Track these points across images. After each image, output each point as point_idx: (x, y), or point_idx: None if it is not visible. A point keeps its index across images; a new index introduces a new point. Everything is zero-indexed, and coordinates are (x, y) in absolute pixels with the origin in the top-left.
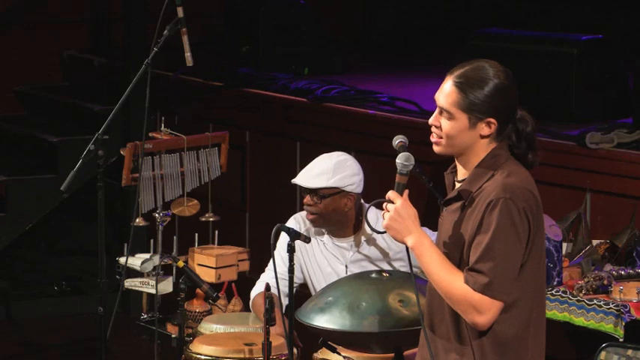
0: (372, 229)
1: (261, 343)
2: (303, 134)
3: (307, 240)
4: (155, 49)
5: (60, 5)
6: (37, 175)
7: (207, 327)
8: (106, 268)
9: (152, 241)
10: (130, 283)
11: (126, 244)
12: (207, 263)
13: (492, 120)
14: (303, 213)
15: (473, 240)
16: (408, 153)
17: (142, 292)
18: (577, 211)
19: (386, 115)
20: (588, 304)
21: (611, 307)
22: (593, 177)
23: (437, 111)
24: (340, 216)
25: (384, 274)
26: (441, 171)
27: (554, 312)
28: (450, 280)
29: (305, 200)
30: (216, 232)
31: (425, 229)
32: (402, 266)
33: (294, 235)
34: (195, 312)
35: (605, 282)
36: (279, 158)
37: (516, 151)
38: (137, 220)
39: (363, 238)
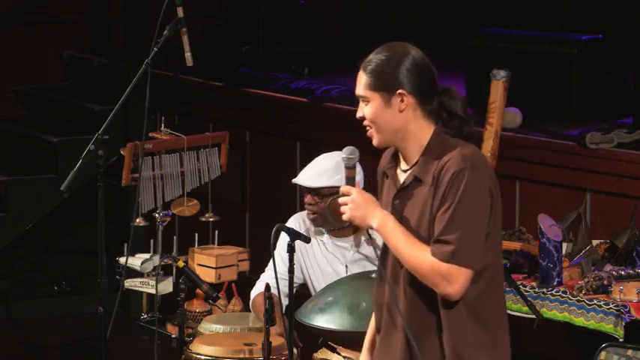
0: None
1: (261, 343)
2: (303, 134)
3: (307, 240)
4: (155, 49)
5: (60, 5)
6: (37, 175)
7: (207, 327)
8: (106, 268)
9: (152, 241)
10: (130, 283)
11: (126, 244)
12: (207, 263)
13: (402, 91)
14: (303, 213)
15: (437, 213)
16: (352, 147)
17: (142, 292)
18: (577, 211)
19: None
20: (588, 304)
21: (611, 307)
22: (593, 177)
23: (360, 104)
24: (340, 216)
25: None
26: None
27: (554, 312)
28: (416, 254)
29: (306, 200)
30: (216, 232)
31: None
32: None
33: (294, 235)
34: (195, 312)
35: (605, 282)
36: (279, 158)
37: (450, 132)
38: (137, 220)
39: (363, 238)
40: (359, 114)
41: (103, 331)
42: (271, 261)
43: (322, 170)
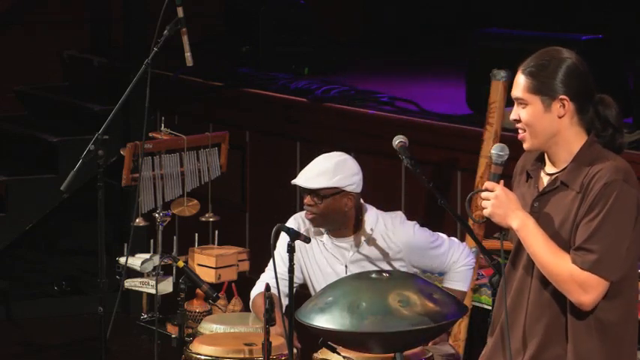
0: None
1: (261, 343)
2: (303, 134)
3: (307, 240)
4: (155, 49)
5: (60, 5)
6: (37, 175)
7: (207, 327)
8: (106, 268)
9: (152, 241)
10: (130, 283)
11: (126, 244)
12: (207, 263)
13: (564, 97)
14: (303, 213)
15: (581, 221)
16: (502, 144)
17: (142, 292)
18: None
19: (386, 115)
20: None
21: None
22: None
23: (515, 106)
24: (340, 216)
25: (384, 274)
26: (442, 171)
27: None
28: (555, 260)
29: (305, 201)
30: (216, 232)
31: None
32: (401, 266)
33: (294, 235)
34: (195, 312)
35: None
36: (279, 158)
37: (602, 141)
38: (137, 220)
39: (362, 238)
40: (513, 116)
41: (103, 331)
42: (271, 261)
43: (322, 171)
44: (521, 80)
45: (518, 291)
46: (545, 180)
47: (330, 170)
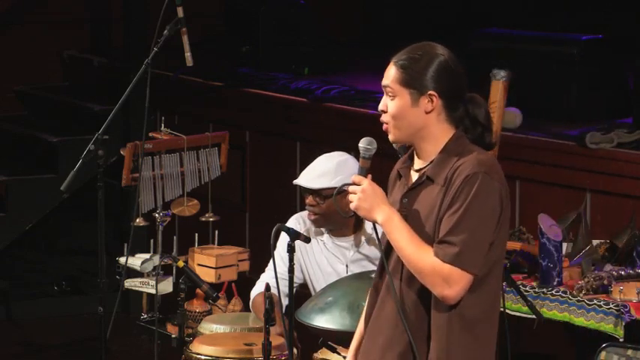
0: (340, 212)
1: (261, 343)
2: (303, 134)
3: (307, 240)
4: (155, 49)
5: (60, 5)
6: (37, 175)
7: (207, 327)
8: (106, 268)
9: (152, 241)
10: (130, 283)
11: (126, 244)
12: (207, 263)
13: (433, 93)
14: (304, 213)
15: (444, 215)
16: (370, 138)
17: (142, 292)
18: (577, 211)
19: None
20: (588, 304)
21: (611, 307)
22: (593, 177)
23: (384, 96)
24: (342, 216)
25: None
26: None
27: (555, 312)
28: (418, 254)
29: (307, 201)
30: (216, 232)
31: None
32: None
33: (294, 235)
34: (195, 312)
35: (605, 282)
36: (279, 158)
37: (470, 137)
38: (137, 220)
39: (363, 238)
40: (381, 106)
41: (103, 331)
42: (271, 261)
43: (323, 171)
44: (392, 71)
45: (387, 289)
46: (414, 177)
47: (331, 170)
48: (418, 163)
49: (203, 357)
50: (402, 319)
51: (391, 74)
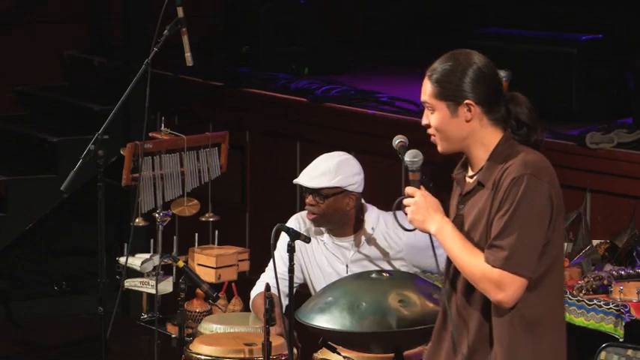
0: (402, 227)
1: (261, 343)
2: (303, 134)
3: (307, 240)
4: (155, 49)
5: (60, 5)
6: (37, 175)
7: (207, 327)
8: (106, 268)
9: (152, 241)
10: (130, 283)
11: (126, 244)
12: (207, 263)
13: (469, 102)
14: (304, 213)
15: (494, 219)
16: (415, 150)
17: (142, 292)
18: (577, 211)
19: (386, 115)
20: (588, 304)
21: (611, 307)
22: (593, 177)
23: (425, 110)
24: (342, 215)
25: (384, 274)
26: (444, 171)
27: None
28: (471, 260)
29: (307, 200)
30: (216, 232)
31: None
32: (402, 266)
33: (294, 235)
34: (195, 312)
35: (605, 282)
36: (279, 158)
37: (518, 138)
38: (137, 220)
39: (363, 238)
40: (424, 121)
41: (103, 331)
42: (271, 261)
43: (324, 171)
44: (427, 86)
45: (448, 298)
46: (468, 183)
47: (332, 170)
48: (471, 170)
49: (203, 357)
50: (453, 328)
51: (427, 89)
